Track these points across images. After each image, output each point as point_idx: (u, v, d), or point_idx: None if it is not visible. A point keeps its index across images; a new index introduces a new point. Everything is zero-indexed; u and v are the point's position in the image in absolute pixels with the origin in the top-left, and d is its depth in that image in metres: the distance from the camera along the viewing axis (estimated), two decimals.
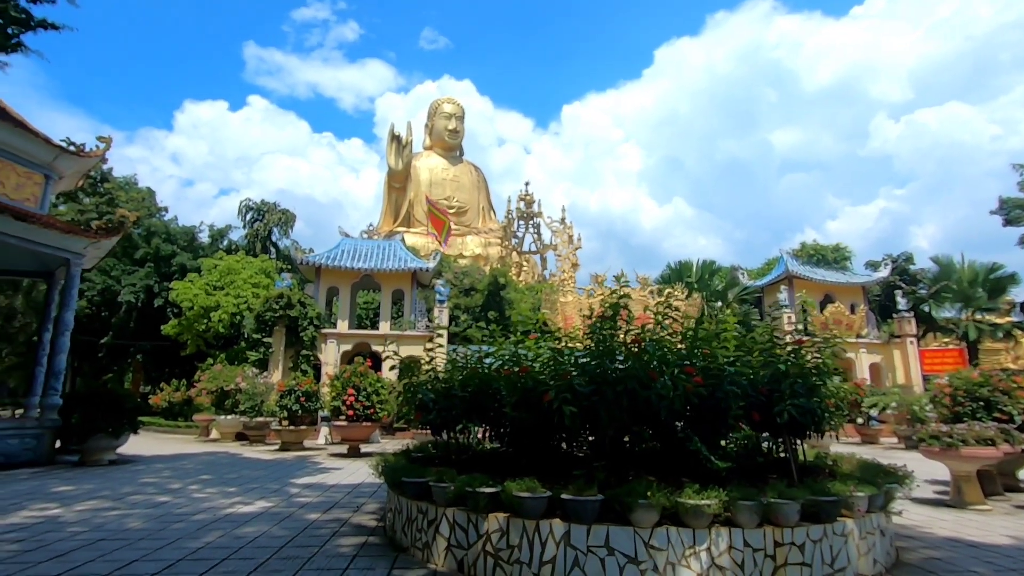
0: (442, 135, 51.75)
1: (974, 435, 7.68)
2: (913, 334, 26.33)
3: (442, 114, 52.91)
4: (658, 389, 4.89)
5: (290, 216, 34.06)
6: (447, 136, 51.79)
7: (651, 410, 4.96)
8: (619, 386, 4.95)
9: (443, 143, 51.83)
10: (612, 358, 5.30)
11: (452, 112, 53.17)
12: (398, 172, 48.73)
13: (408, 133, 48.83)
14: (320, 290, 22.52)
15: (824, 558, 4.32)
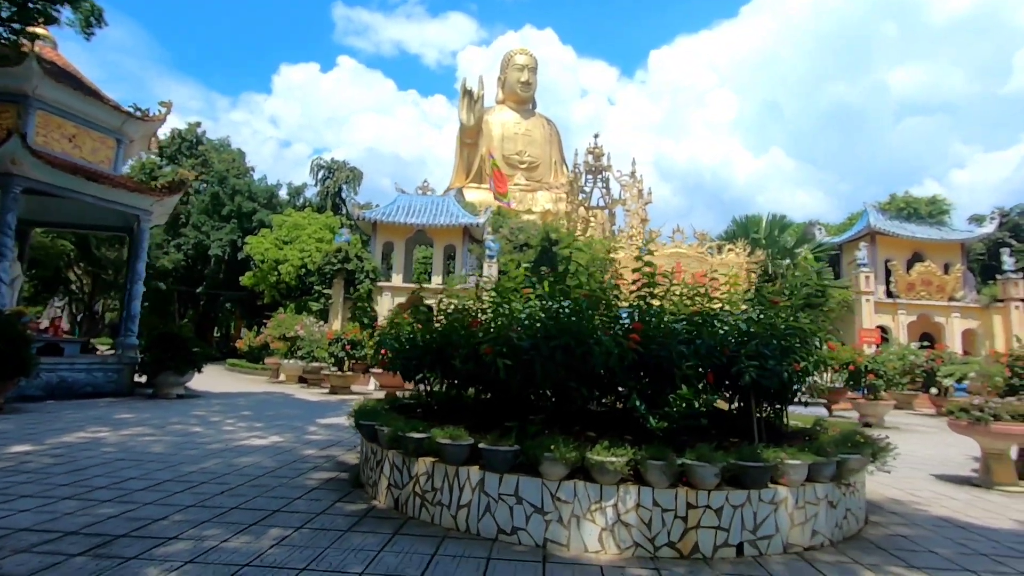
0: (514, 88, 50.91)
1: (1010, 410, 6.85)
2: (1019, 298, 23.31)
3: (514, 66, 51.89)
4: (592, 346, 4.81)
5: (357, 174, 35.33)
6: (519, 89, 50.88)
7: (589, 367, 4.90)
8: (554, 342, 4.90)
9: (515, 96, 51.04)
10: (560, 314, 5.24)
11: (525, 63, 52.00)
12: (470, 127, 48.81)
13: (479, 87, 48.50)
14: (376, 245, 23.47)
15: (745, 524, 4.14)
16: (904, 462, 8.81)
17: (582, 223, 41.66)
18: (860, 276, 23.26)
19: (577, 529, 4.12)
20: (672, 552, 4.05)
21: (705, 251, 23.64)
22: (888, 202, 27.12)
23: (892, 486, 6.93)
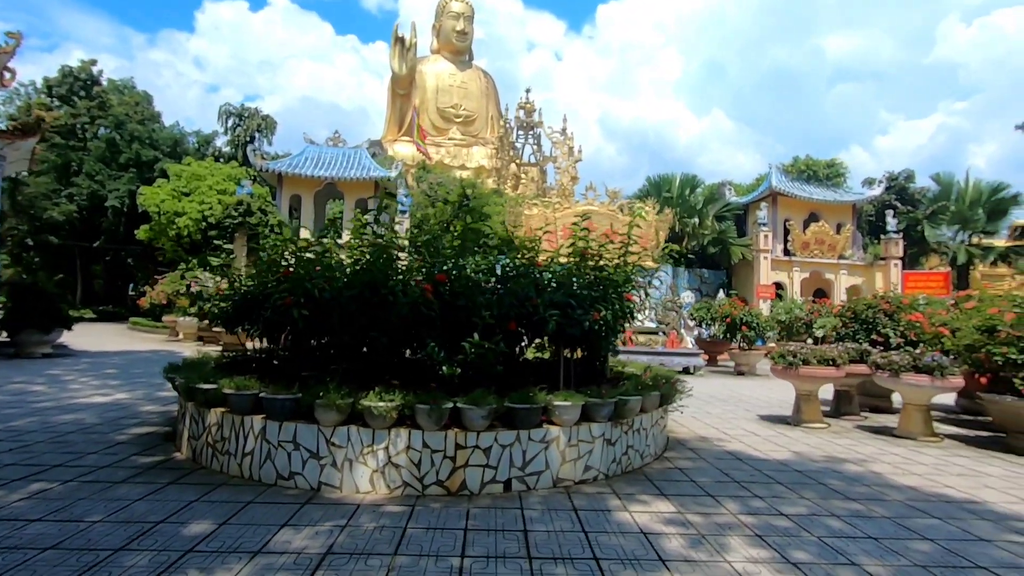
0: (450, 37, 48.87)
1: (817, 355, 7.51)
2: (898, 256, 25.36)
3: (450, 14, 49.68)
4: (386, 296, 4.85)
5: (271, 122, 33.38)
6: (455, 38, 48.90)
7: (390, 317, 4.94)
8: (349, 292, 4.90)
9: (451, 46, 49.07)
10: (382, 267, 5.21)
11: (460, 11, 49.83)
12: (402, 77, 46.76)
13: (412, 34, 46.34)
14: (282, 198, 22.51)
15: (514, 462, 4.38)
16: (745, 404, 9.59)
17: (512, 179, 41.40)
18: (760, 235, 24.52)
19: (350, 472, 4.24)
20: (440, 490, 4.25)
21: (616, 209, 24.12)
22: (791, 164, 28.48)
23: (712, 425, 7.53)
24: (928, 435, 6.94)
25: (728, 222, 26.29)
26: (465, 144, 47.07)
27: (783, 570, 3.14)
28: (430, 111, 48.44)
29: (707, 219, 25.55)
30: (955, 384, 6.72)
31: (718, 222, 26.15)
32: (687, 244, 25.49)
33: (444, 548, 3.27)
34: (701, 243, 25.42)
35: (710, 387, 11.89)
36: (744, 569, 3.13)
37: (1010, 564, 3.33)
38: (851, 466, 5.56)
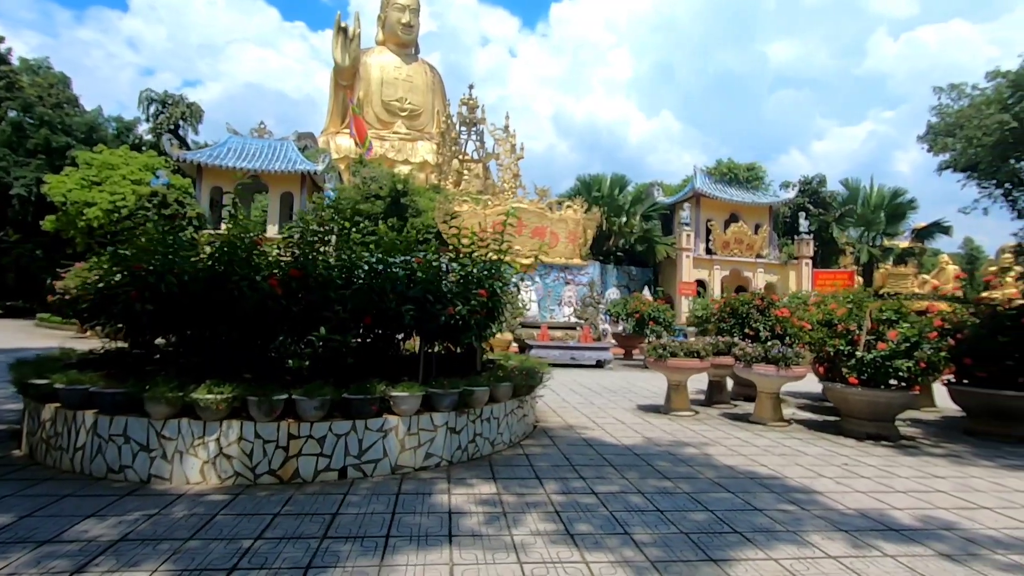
0: (395, 29, 48.18)
1: (685, 348, 8.04)
2: (809, 256, 26.99)
3: (395, 5, 48.94)
4: (231, 290, 4.92)
5: (196, 109, 32.02)
6: (400, 31, 48.24)
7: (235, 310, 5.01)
8: (196, 286, 4.95)
9: (396, 38, 48.37)
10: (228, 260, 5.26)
11: (406, 4, 49.15)
12: (344, 68, 45.95)
13: (356, 25, 45.52)
14: (202, 190, 21.75)
15: (350, 450, 4.57)
16: (631, 396, 10.11)
17: (455, 175, 41.35)
18: (683, 234, 25.57)
19: (180, 464, 4.31)
20: (272, 479, 4.38)
21: (545, 207, 24.61)
22: (715, 167, 29.84)
23: (587, 415, 7.93)
24: (777, 420, 7.59)
25: (655, 221, 27.26)
26: (410, 139, 46.67)
27: (558, 540, 3.47)
28: (374, 104, 47.76)
29: (634, 218, 26.42)
30: (798, 373, 7.37)
31: (645, 221, 27.08)
32: (614, 242, 26.28)
33: (243, 532, 3.42)
34: (628, 241, 26.27)
35: (610, 379, 12.43)
36: (522, 541, 3.44)
37: (763, 529, 3.78)
38: (690, 449, 6.04)
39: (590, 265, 24.69)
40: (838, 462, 5.69)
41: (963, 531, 3.88)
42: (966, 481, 5.16)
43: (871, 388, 6.72)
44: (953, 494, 4.74)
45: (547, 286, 23.58)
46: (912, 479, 5.16)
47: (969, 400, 7.37)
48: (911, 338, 6.52)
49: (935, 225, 28.56)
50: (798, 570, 3.17)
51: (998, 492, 4.85)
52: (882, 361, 6.57)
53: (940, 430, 7.75)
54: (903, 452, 6.25)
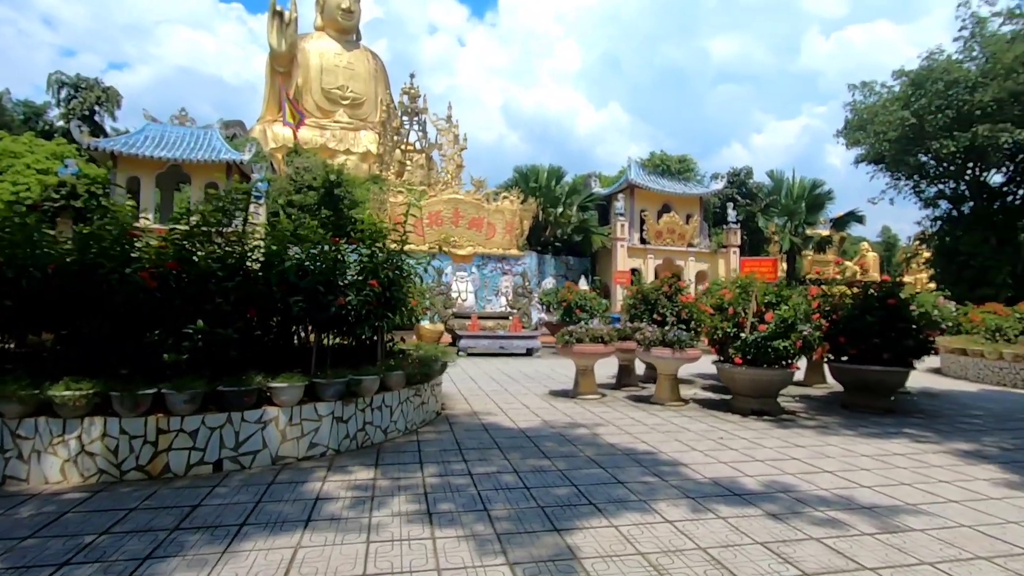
0: (334, 15, 46.63)
1: (590, 334, 8.33)
2: (737, 245, 28.23)
3: None
4: (100, 283, 4.77)
5: (113, 94, 30.08)
6: (340, 16, 46.74)
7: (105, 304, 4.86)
8: (62, 279, 4.76)
9: (336, 24, 46.84)
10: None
11: None
12: (281, 54, 44.26)
13: (292, 9, 43.90)
14: (117, 180, 20.54)
15: (225, 443, 4.54)
16: (547, 382, 10.37)
17: (397, 166, 40.70)
18: (617, 224, 26.21)
19: (38, 463, 4.16)
20: (140, 475, 4.30)
21: (482, 198, 24.68)
22: (648, 159, 30.74)
23: (496, 401, 8.11)
24: (675, 400, 7.99)
25: (592, 212, 27.80)
26: (352, 128, 45.55)
27: (415, 520, 3.59)
28: (314, 92, 46.36)
29: (571, 209, 26.86)
30: (692, 355, 7.78)
31: (582, 212, 27.57)
32: (551, 232, 26.66)
33: (89, 528, 3.36)
34: (565, 232, 26.70)
35: (534, 367, 12.70)
36: (378, 522, 3.54)
37: (618, 499, 4.03)
38: (581, 430, 6.30)
39: (527, 255, 24.98)
40: (715, 436, 6.08)
41: (798, 493, 4.26)
42: (822, 449, 5.63)
43: (754, 367, 7.18)
44: (805, 461, 5.17)
45: (484, 277, 23.71)
46: (774, 449, 5.58)
47: (844, 376, 8.00)
48: (788, 319, 7.00)
49: (850, 215, 30.44)
50: (634, 535, 3.41)
51: (845, 457, 5.32)
52: (763, 341, 7.04)
53: (822, 404, 8.38)
54: (779, 425, 6.74)
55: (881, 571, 3.00)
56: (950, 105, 21.28)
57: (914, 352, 7.58)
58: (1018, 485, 4.57)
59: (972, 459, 5.35)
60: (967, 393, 9.92)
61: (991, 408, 8.37)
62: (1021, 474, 4.88)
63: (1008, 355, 10.81)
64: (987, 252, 23.71)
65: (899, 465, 5.08)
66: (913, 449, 5.70)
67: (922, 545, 3.34)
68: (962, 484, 4.56)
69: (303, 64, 47.05)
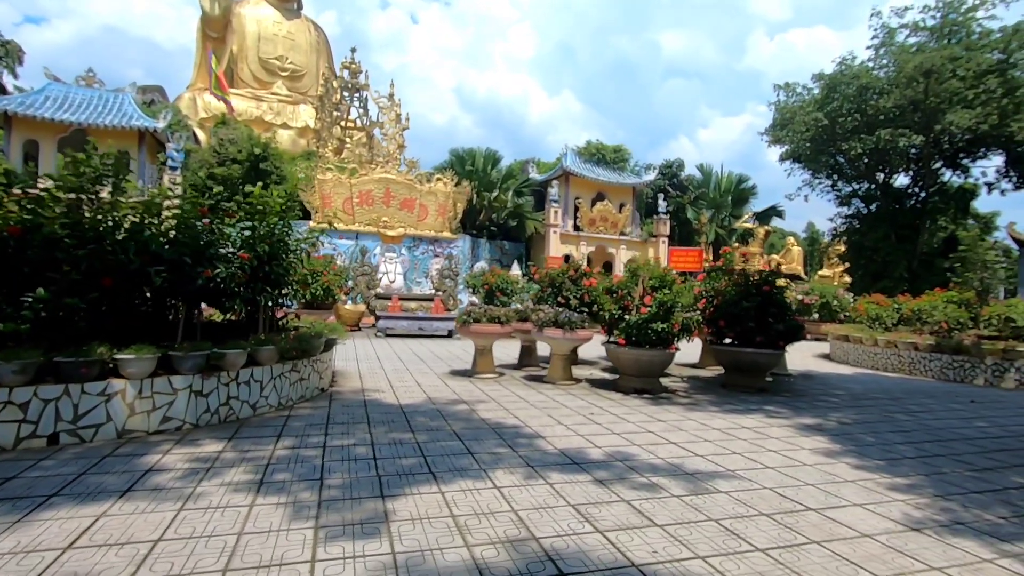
0: None
1: (490, 315, 8.47)
2: (666, 234, 29.25)
3: None
4: None
5: (13, 48, 27.53)
6: None
7: None
8: None
9: None
10: None
11: None
12: (213, 18, 41.98)
13: None
14: (12, 143, 18.99)
15: (62, 415, 4.36)
16: (453, 362, 10.46)
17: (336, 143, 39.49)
18: (551, 210, 26.57)
19: None
20: None
21: (415, 179, 24.40)
22: (585, 147, 31.26)
23: (392, 379, 8.14)
24: (566, 379, 8.26)
25: (527, 197, 28.04)
26: (291, 101, 43.82)
27: (242, 489, 3.59)
28: (250, 61, 44.34)
29: (506, 194, 26.98)
30: (583, 336, 8.05)
31: (518, 197, 27.77)
32: (486, 216, 26.72)
33: None
34: (500, 216, 26.83)
35: (448, 348, 12.81)
36: (202, 491, 3.52)
37: (459, 468, 4.17)
38: (461, 406, 6.43)
39: (460, 238, 24.95)
40: (587, 412, 6.35)
41: (634, 462, 4.54)
42: (679, 423, 5.99)
43: (637, 348, 7.53)
44: (658, 434, 5.50)
45: (415, 258, 23.54)
46: (636, 423, 5.90)
47: (723, 357, 8.51)
48: (667, 303, 7.36)
49: (771, 209, 32.07)
50: (456, 500, 3.55)
51: (696, 431, 5.69)
52: (644, 323, 7.38)
53: (705, 385, 8.88)
54: (653, 402, 7.11)
55: (668, 527, 3.27)
56: (859, 109, 22.70)
57: (784, 336, 8.15)
58: (834, 454, 5.04)
59: (808, 432, 5.85)
60: (841, 376, 10.77)
61: (853, 389, 9.13)
62: (843, 444, 5.39)
63: (881, 341, 11.79)
64: (888, 248, 25.61)
65: (740, 437, 5.49)
66: (761, 423, 6.16)
67: (719, 505, 3.65)
68: (787, 453, 4.99)
69: (238, 31, 44.94)
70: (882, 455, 5.05)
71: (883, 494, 3.99)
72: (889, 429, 6.15)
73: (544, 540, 3.02)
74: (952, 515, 3.63)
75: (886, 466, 4.70)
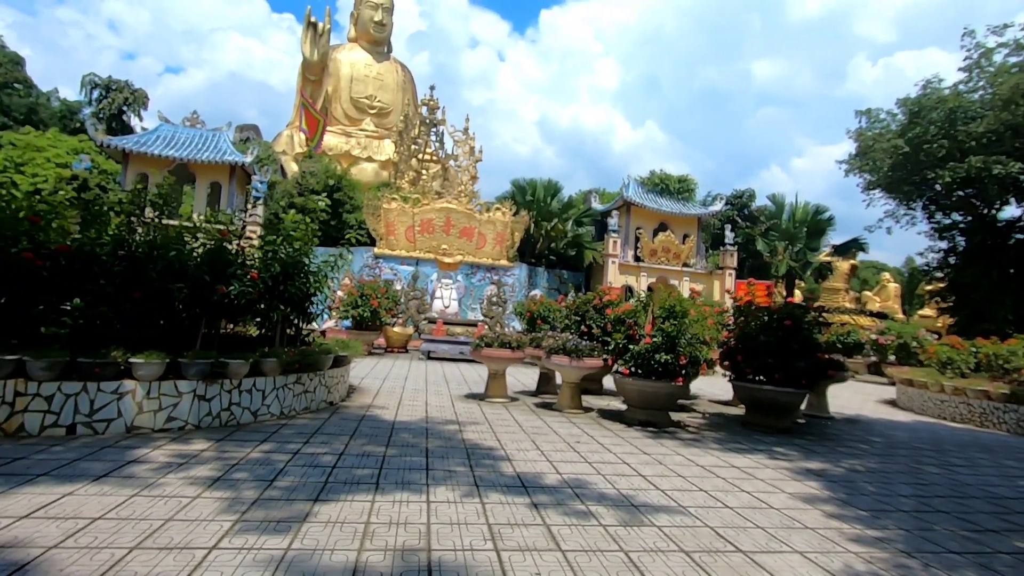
0: (367, 27, 48.59)
1: (503, 340, 8.63)
2: (733, 267, 28.06)
3: (368, 3, 49.33)
4: None
5: (141, 95, 31.82)
6: (372, 28, 48.65)
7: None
8: None
9: (368, 36, 48.76)
10: None
11: (379, 2, 49.57)
12: (313, 63, 46.39)
13: (326, 21, 46.04)
14: (128, 176, 21.81)
15: (80, 409, 5.01)
16: (475, 385, 10.66)
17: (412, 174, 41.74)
18: (609, 240, 26.39)
19: None
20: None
21: (474, 208, 25.22)
22: (648, 177, 30.86)
23: (408, 398, 8.46)
24: (574, 408, 8.21)
25: (588, 227, 28.07)
26: (377, 136, 47.00)
27: (198, 483, 3.97)
28: (343, 100, 48.14)
29: (566, 223, 27.18)
30: (590, 365, 8.00)
31: (578, 226, 27.87)
32: (544, 245, 27.00)
33: None
34: (559, 245, 27.00)
35: (478, 373, 13.00)
36: (163, 482, 3.93)
37: (407, 482, 4.34)
38: (451, 427, 6.60)
39: (517, 267, 25.35)
40: (572, 440, 6.30)
41: (586, 490, 4.49)
42: (664, 458, 5.80)
43: (642, 379, 7.38)
44: (633, 465, 5.37)
45: (472, 285, 24.15)
46: (617, 454, 5.78)
47: (741, 394, 8.11)
48: (670, 333, 7.19)
49: (853, 242, 29.90)
50: (381, 509, 3.72)
51: (677, 466, 5.49)
52: (647, 353, 7.24)
53: (725, 422, 8.46)
54: (651, 436, 6.90)
55: (571, 553, 3.25)
56: (947, 135, 20.90)
57: (807, 374, 7.65)
58: (814, 500, 4.70)
59: (803, 477, 5.46)
60: (891, 423, 9.83)
61: (896, 437, 8.33)
62: (833, 492, 5.00)
63: (948, 388, 10.66)
64: (988, 287, 23.01)
65: (720, 476, 5.24)
66: (755, 464, 5.83)
67: (641, 538, 3.56)
68: (761, 495, 4.72)
69: (334, 73, 48.95)
70: (871, 506, 4.64)
71: (837, 544, 3.70)
72: (904, 481, 5.61)
73: (436, 552, 3.12)
74: (903, 573, 3.32)
75: (866, 517, 4.33)
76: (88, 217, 6.23)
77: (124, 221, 6.69)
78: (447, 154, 47.29)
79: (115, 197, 16.72)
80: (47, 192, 18.29)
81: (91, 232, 6.00)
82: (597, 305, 10.35)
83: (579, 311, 10.55)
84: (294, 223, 7.49)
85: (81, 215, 6.29)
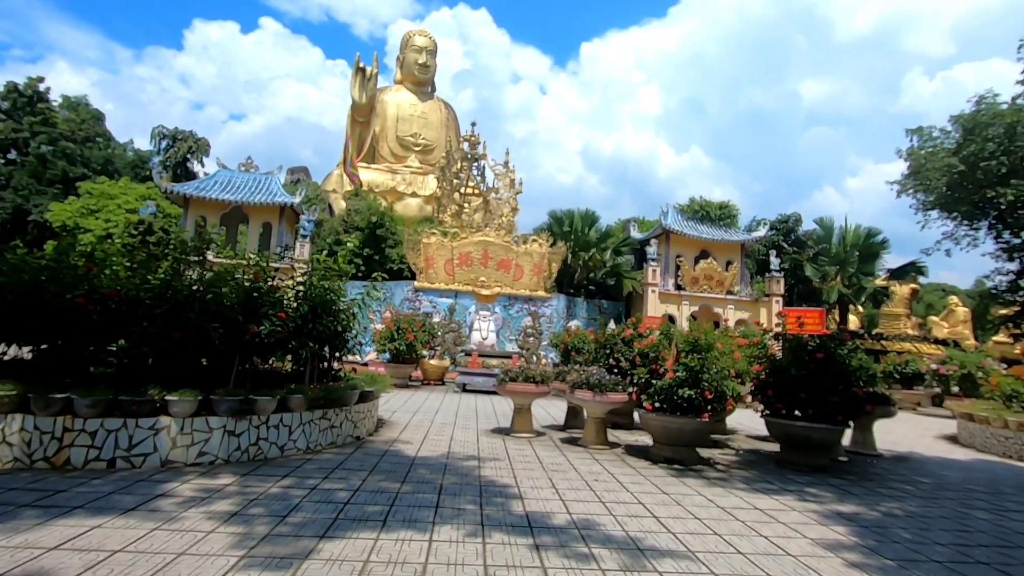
0: (412, 69, 51.00)
1: (527, 374, 8.67)
2: (780, 293, 27.11)
3: (413, 47, 51.89)
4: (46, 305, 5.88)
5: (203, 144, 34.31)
6: (417, 71, 51.01)
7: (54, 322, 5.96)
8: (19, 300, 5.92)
9: (413, 77, 51.14)
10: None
11: (423, 46, 52.09)
12: (361, 106, 48.87)
13: (374, 66, 48.72)
14: (189, 220, 23.38)
15: (120, 444, 5.38)
16: (503, 420, 10.67)
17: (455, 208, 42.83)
18: (649, 269, 26.08)
19: None
20: (46, 464, 5.22)
21: (511, 240, 25.54)
22: (687, 204, 30.44)
23: (433, 432, 8.58)
24: (599, 443, 8.10)
25: (626, 256, 27.87)
26: (422, 172, 48.69)
27: (216, 518, 4.18)
28: (389, 139, 50.27)
29: (603, 253, 27.10)
30: (614, 399, 7.91)
31: (617, 256, 27.71)
32: (582, 276, 26.95)
33: None
34: (597, 275, 26.89)
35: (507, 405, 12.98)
36: (184, 515, 4.17)
37: (413, 520, 4.42)
38: (471, 463, 6.65)
39: (554, 297, 25.36)
40: (591, 478, 6.22)
41: (593, 531, 4.44)
42: (683, 498, 5.65)
43: (667, 415, 7.24)
44: (648, 506, 5.26)
45: (510, 316, 24.29)
46: (634, 493, 5.68)
47: (774, 430, 7.79)
48: (693, 368, 7.06)
49: (910, 265, 28.41)
50: (383, 548, 3.81)
51: (695, 507, 5.34)
52: (670, 388, 7.12)
53: (758, 460, 8.13)
54: (675, 474, 6.73)
55: None
56: (1006, 151, 19.79)
57: (843, 408, 7.30)
58: (838, 547, 4.47)
59: (831, 521, 5.20)
60: (945, 462, 9.16)
61: (948, 477, 7.77)
62: (861, 538, 4.73)
63: (1012, 423, 9.88)
64: None
65: (740, 519, 5.06)
66: (780, 506, 5.58)
67: None
68: (780, 540, 4.53)
69: (381, 113, 51.21)
70: (900, 555, 4.37)
71: None
72: (945, 527, 5.25)
73: None
74: None
75: (893, 567, 4.09)
76: (135, 264, 6.73)
77: (172, 265, 7.20)
78: (488, 187, 48.31)
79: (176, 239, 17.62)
80: (118, 235, 19.74)
81: (136, 278, 6.49)
82: (626, 337, 10.24)
83: (608, 344, 10.46)
84: (324, 265, 7.89)
85: (129, 260, 6.80)
